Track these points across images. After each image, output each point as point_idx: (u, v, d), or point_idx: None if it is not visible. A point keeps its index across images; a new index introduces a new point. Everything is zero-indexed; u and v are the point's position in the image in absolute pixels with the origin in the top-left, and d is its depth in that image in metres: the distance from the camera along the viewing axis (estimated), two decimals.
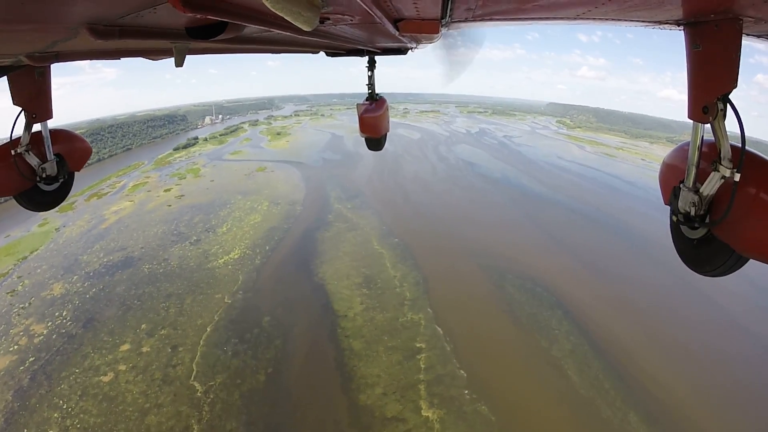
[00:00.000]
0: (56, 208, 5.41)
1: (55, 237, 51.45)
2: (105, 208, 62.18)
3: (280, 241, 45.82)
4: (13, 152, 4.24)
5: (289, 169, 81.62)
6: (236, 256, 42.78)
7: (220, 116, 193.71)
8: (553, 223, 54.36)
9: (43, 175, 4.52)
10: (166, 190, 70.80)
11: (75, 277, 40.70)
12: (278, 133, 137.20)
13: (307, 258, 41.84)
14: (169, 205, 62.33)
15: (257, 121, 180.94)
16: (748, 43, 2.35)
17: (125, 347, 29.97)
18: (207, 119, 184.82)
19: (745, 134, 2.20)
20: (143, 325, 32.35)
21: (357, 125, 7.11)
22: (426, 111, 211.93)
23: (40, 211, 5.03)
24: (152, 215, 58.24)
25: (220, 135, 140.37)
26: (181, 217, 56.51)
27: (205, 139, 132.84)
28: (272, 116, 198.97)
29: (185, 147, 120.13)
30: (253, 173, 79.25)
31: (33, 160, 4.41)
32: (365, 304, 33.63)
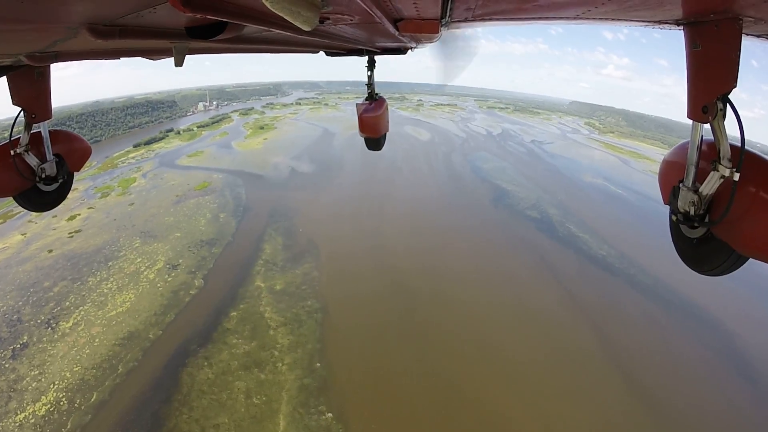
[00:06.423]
0: None
1: None
2: None
3: (120, 383, 24.79)
4: (12, 152, 4.14)
5: (236, 189, 60.71)
6: (41, 412, 22.83)
7: (215, 103, 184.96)
8: (642, 355, 29.68)
9: (43, 176, 4.41)
10: (69, 219, 52.94)
11: None
12: (262, 127, 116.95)
13: None
14: (50, 251, 44.37)
15: (251, 109, 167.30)
16: None
17: None
18: (200, 105, 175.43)
19: (744, 134, 2.17)
20: None
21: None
22: (442, 104, 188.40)
23: (39, 211, 4.85)
24: (19, 269, 40.39)
25: (197, 127, 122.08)
26: (45, 279, 38.26)
27: (178, 132, 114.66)
28: (272, 104, 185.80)
29: (147, 143, 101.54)
30: (188, 193, 58.91)
31: (32, 160, 4.31)
32: None
